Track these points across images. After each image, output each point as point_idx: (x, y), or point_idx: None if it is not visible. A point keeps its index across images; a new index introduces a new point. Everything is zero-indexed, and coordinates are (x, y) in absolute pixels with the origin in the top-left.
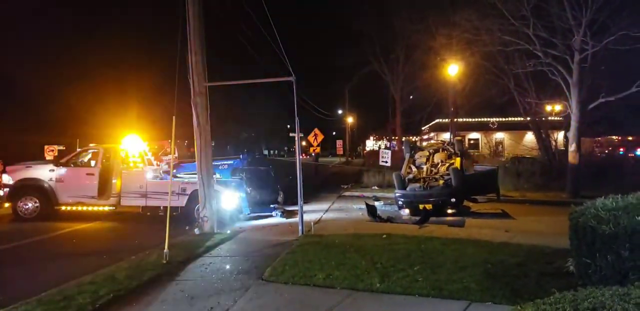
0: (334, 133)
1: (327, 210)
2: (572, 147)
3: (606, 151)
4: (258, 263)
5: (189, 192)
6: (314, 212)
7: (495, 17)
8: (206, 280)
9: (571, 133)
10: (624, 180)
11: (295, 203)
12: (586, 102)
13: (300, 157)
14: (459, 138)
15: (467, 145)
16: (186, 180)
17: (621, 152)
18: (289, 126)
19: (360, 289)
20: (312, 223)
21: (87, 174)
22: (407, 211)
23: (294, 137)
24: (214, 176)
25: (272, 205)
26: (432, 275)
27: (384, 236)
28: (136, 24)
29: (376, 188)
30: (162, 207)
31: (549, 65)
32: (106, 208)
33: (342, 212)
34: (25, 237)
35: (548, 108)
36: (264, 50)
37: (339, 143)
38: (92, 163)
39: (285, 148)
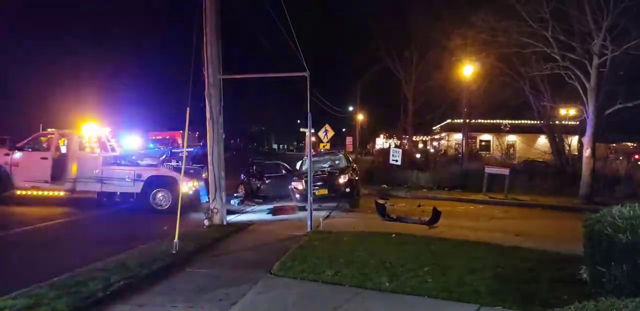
0: (343, 129)
1: (335, 207)
2: (586, 153)
3: (620, 157)
4: (267, 256)
5: (144, 177)
6: (323, 209)
7: (513, 18)
8: (215, 271)
9: (586, 139)
10: (637, 187)
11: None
12: (603, 107)
13: (312, 152)
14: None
15: (478, 147)
16: (142, 166)
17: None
18: (299, 121)
19: (369, 288)
20: (320, 219)
21: (41, 158)
22: None
23: (304, 132)
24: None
25: (235, 194)
26: (441, 277)
27: (393, 235)
28: (153, 16)
29: (385, 186)
30: (118, 193)
31: (566, 68)
32: (62, 194)
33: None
34: (29, 223)
35: (562, 112)
36: (279, 45)
37: (349, 140)
38: (48, 147)
39: (295, 142)
